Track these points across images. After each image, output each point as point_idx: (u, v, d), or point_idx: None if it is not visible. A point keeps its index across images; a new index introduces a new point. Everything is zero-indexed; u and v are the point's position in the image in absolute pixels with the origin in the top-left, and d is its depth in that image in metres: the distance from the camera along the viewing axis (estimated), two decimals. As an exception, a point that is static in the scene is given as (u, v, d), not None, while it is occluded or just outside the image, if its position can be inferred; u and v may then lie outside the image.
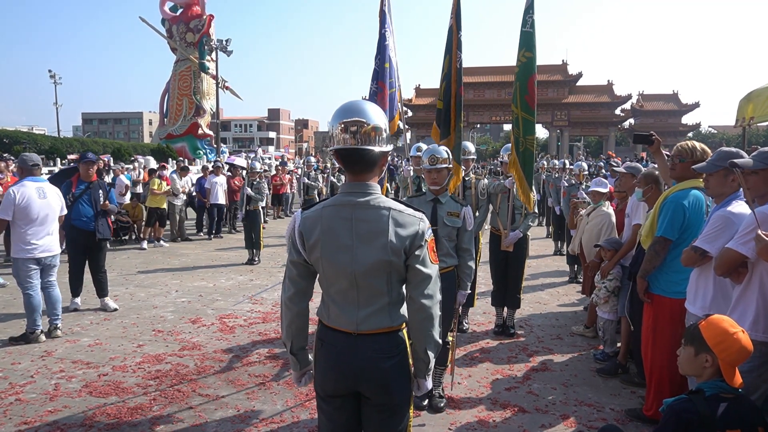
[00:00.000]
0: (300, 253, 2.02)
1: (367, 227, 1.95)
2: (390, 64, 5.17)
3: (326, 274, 2.01)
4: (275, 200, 16.21)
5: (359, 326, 1.99)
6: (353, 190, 1.99)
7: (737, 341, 1.99)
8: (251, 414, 3.76)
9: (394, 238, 1.94)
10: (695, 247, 2.87)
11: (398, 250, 1.95)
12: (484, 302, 6.37)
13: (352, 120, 1.93)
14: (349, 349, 2.00)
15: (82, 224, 6.09)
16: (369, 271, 1.95)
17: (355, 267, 1.95)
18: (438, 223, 3.71)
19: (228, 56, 25.75)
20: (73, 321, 5.89)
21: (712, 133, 61.95)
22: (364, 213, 1.96)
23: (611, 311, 4.68)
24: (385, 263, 1.95)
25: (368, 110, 1.96)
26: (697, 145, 3.38)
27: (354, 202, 1.97)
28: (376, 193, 1.99)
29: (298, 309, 2.10)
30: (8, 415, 3.71)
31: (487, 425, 3.63)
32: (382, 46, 5.13)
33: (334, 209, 1.98)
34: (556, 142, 46.64)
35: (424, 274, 1.99)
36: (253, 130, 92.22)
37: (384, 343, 2.01)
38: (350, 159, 1.96)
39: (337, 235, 1.96)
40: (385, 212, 1.97)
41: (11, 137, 35.37)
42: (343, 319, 2.02)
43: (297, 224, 2.02)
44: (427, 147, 4.03)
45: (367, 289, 1.98)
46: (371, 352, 1.99)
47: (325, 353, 2.07)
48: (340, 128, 1.93)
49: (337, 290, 2.02)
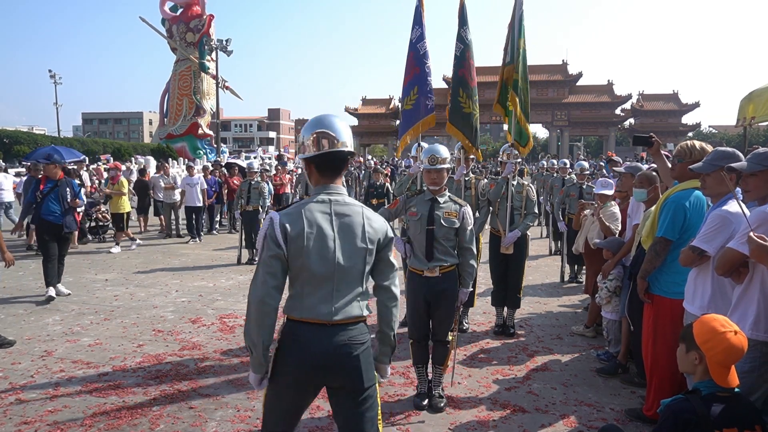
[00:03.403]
0: (281, 247, 2.12)
1: (347, 221, 2.19)
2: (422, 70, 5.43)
3: (309, 265, 2.13)
4: (275, 200, 16.20)
5: (335, 316, 2.15)
6: (328, 191, 2.23)
7: (725, 340, 1.99)
8: (251, 414, 3.76)
9: (370, 231, 2.22)
10: (693, 246, 2.87)
11: (374, 242, 2.22)
12: (484, 302, 6.36)
13: (325, 131, 2.19)
14: (324, 339, 2.14)
15: (52, 218, 6.87)
16: (350, 260, 2.17)
17: (339, 256, 2.15)
18: (435, 223, 3.71)
19: (228, 56, 25.77)
20: (73, 321, 5.89)
21: (713, 133, 61.97)
22: (342, 209, 2.21)
23: (614, 311, 4.68)
24: (364, 252, 2.20)
25: (338, 124, 2.23)
26: (697, 145, 3.37)
27: (331, 200, 2.21)
28: (345, 193, 2.27)
29: (275, 305, 2.15)
30: (8, 415, 3.70)
31: (487, 425, 3.63)
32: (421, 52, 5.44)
33: (315, 206, 2.18)
34: (557, 142, 46.63)
35: (393, 264, 2.31)
36: (253, 130, 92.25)
37: (356, 332, 2.20)
38: (325, 165, 2.22)
39: (321, 227, 2.15)
40: (359, 209, 2.25)
41: (11, 137, 35.39)
42: (318, 311, 2.15)
43: (276, 221, 2.14)
44: (427, 147, 4.03)
45: (344, 279, 2.17)
46: (346, 340, 2.16)
47: (298, 347, 2.16)
48: (313, 139, 2.19)
49: (316, 281, 2.15)
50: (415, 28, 5.55)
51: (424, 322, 3.86)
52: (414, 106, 5.52)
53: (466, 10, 5.59)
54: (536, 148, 67.65)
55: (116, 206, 10.63)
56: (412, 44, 5.55)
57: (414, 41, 5.53)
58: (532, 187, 5.73)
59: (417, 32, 5.52)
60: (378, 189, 10.45)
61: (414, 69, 5.51)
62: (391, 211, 4.03)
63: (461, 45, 5.58)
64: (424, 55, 5.49)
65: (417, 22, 5.55)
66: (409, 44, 5.59)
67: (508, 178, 5.52)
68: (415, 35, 5.53)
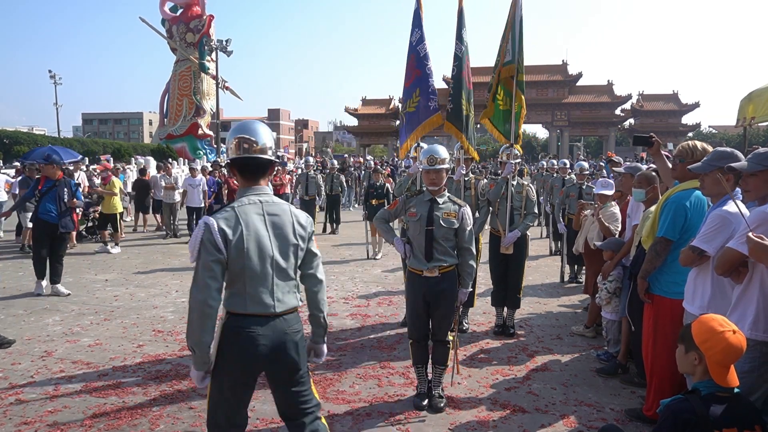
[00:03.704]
0: (221, 252, 2.25)
1: (278, 220, 2.39)
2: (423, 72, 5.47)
3: (250, 265, 2.30)
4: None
5: (277, 307, 2.35)
6: (256, 192, 2.41)
7: (723, 340, 1.99)
8: (251, 414, 3.76)
9: (299, 228, 2.44)
10: (693, 246, 2.87)
11: (303, 237, 2.45)
12: (484, 302, 6.36)
13: (246, 137, 2.37)
14: (269, 329, 2.33)
15: (48, 218, 6.92)
16: (284, 255, 2.38)
17: (276, 254, 2.35)
18: (434, 223, 3.71)
19: (228, 56, 25.74)
20: (73, 321, 5.89)
21: (713, 133, 61.95)
22: (273, 209, 2.40)
23: (614, 311, 4.68)
24: (296, 248, 2.42)
25: (259, 130, 2.41)
26: (698, 145, 3.37)
27: (262, 201, 2.39)
28: (272, 194, 2.46)
29: (217, 306, 2.27)
30: (8, 416, 3.71)
31: (487, 425, 3.63)
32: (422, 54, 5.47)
33: (249, 207, 2.35)
34: (556, 142, 46.61)
35: (315, 253, 2.54)
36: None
37: (293, 320, 2.42)
38: (247, 167, 2.40)
39: (257, 228, 2.32)
40: (287, 207, 2.46)
41: (11, 137, 35.39)
42: (262, 304, 2.33)
43: (215, 227, 2.25)
44: (426, 147, 4.03)
45: (281, 273, 2.38)
46: (287, 329, 2.38)
47: (244, 339, 2.30)
48: (235, 143, 2.37)
49: (257, 278, 2.32)
50: (414, 31, 5.57)
51: (424, 323, 3.86)
52: (417, 108, 5.56)
53: (463, 15, 5.63)
54: (536, 149, 67.67)
55: (108, 207, 10.57)
56: (412, 47, 5.58)
57: (414, 44, 5.56)
58: (532, 188, 5.73)
59: (417, 35, 5.55)
60: (378, 189, 10.45)
61: (415, 71, 5.54)
62: (391, 211, 4.02)
63: (461, 45, 5.61)
64: (425, 57, 5.52)
65: (416, 24, 5.58)
66: (408, 47, 5.61)
67: (507, 178, 5.52)
68: (415, 38, 5.56)
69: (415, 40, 5.55)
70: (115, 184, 10.82)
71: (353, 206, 19.56)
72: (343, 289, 7.52)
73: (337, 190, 13.07)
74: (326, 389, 4.16)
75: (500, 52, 5.72)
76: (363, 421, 3.66)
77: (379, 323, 5.93)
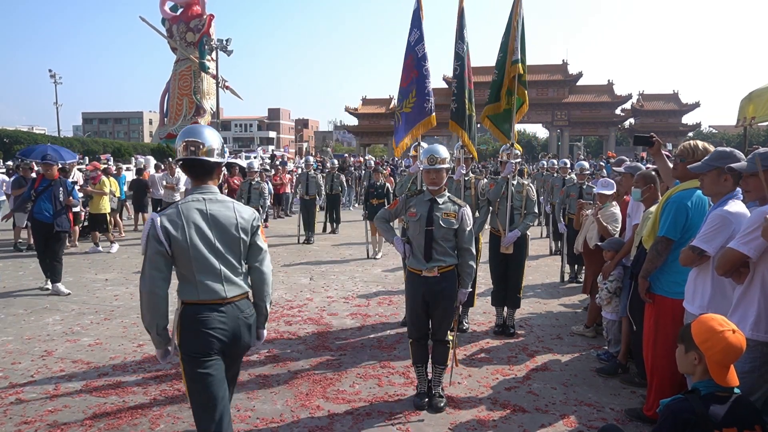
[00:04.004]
0: (163, 245, 2.47)
1: (221, 216, 2.59)
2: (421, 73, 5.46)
3: (196, 257, 2.52)
4: (275, 200, 16.22)
5: (227, 294, 2.57)
6: (201, 191, 2.62)
7: (723, 340, 1.99)
8: (251, 414, 3.76)
9: (241, 221, 2.62)
10: (693, 246, 2.87)
11: (246, 230, 2.64)
12: (484, 302, 6.37)
13: (192, 140, 2.59)
14: (223, 314, 2.55)
15: (42, 217, 6.97)
16: (229, 248, 2.59)
17: (220, 246, 2.56)
18: (434, 224, 3.70)
19: (228, 56, 25.58)
20: (73, 321, 5.89)
21: (713, 133, 61.92)
22: (216, 206, 2.60)
23: (614, 311, 4.68)
24: (238, 240, 2.62)
25: (205, 133, 2.64)
26: (700, 145, 3.36)
27: (205, 199, 2.60)
28: (217, 192, 2.66)
29: (164, 293, 2.51)
30: (9, 415, 3.71)
31: (487, 425, 3.63)
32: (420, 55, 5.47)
33: (192, 204, 2.57)
34: (557, 141, 46.57)
35: (263, 249, 2.73)
36: (253, 129, 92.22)
37: (244, 305, 2.66)
38: (194, 168, 2.62)
39: (198, 223, 2.53)
40: (230, 204, 2.65)
41: (11, 137, 35.42)
42: (213, 292, 2.54)
43: (158, 223, 2.48)
44: (426, 146, 4.02)
45: (227, 264, 2.59)
46: (239, 314, 2.62)
47: (201, 323, 2.51)
48: (183, 145, 2.59)
49: (206, 269, 2.54)
50: (413, 31, 5.54)
51: (423, 322, 3.86)
52: (413, 109, 5.55)
53: (464, 15, 5.62)
54: (536, 148, 67.65)
55: (97, 206, 10.51)
56: (410, 47, 5.55)
57: (413, 44, 5.52)
58: (532, 187, 5.73)
59: (416, 35, 5.52)
60: (378, 189, 10.45)
61: (413, 72, 5.51)
62: (391, 211, 4.02)
63: (463, 45, 5.60)
64: (422, 58, 5.49)
65: (415, 24, 5.54)
66: (407, 46, 5.58)
67: (508, 178, 5.52)
68: (413, 38, 5.53)
69: (414, 41, 5.53)
70: (105, 183, 10.75)
71: (353, 206, 19.57)
72: (343, 288, 7.52)
73: (337, 190, 13.08)
74: (326, 389, 4.16)
75: (508, 50, 5.68)
76: (363, 421, 3.66)
77: (379, 323, 5.93)
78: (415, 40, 5.51)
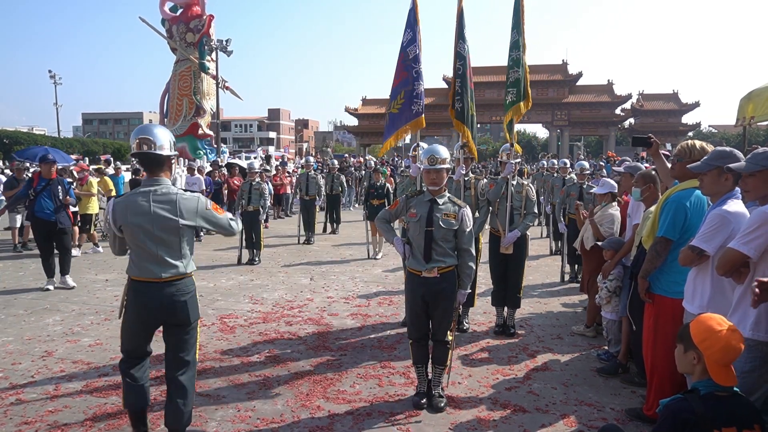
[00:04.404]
0: (114, 225, 3.01)
1: (164, 205, 2.99)
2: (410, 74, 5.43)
3: (136, 239, 3.00)
4: (275, 200, 16.22)
5: (163, 274, 3.03)
6: (150, 183, 3.05)
7: (722, 339, 1.99)
8: (252, 414, 3.76)
9: (183, 210, 3.02)
10: (692, 246, 2.87)
11: (187, 218, 3.03)
12: (485, 302, 6.37)
13: (145, 137, 3.00)
14: (157, 292, 3.03)
15: (44, 215, 7.19)
16: (168, 233, 3.01)
17: (159, 232, 2.99)
18: (434, 224, 3.70)
19: (228, 56, 25.71)
20: (73, 321, 5.89)
21: (713, 132, 61.88)
22: (160, 197, 3.01)
23: (613, 311, 4.68)
24: (178, 227, 3.02)
25: (156, 131, 3.06)
26: (697, 144, 3.37)
27: (151, 190, 3.01)
28: (165, 184, 3.06)
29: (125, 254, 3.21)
30: (9, 415, 3.71)
31: (487, 425, 3.63)
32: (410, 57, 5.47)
33: (138, 196, 3.00)
34: (557, 141, 46.57)
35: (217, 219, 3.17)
36: (253, 130, 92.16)
37: (181, 285, 3.09)
38: (147, 162, 3.06)
39: (141, 212, 2.97)
40: (174, 196, 3.03)
41: (11, 137, 35.44)
42: (149, 272, 3.03)
43: (111, 207, 3.01)
44: (426, 147, 4.02)
45: (165, 248, 3.02)
46: (174, 292, 3.06)
47: (138, 298, 3.05)
48: (137, 142, 3.01)
49: (145, 251, 3.01)
50: (407, 31, 5.48)
51: (423, 322, 3.86)
52: (400, 110, 5.50)
53: (464, 16, 5.62)
54: (536, 148, 67.62)
55: (84, 207, 10.42)
56: (402, 47, 5.50)
57: (404, 44, 5.47)
58: (532, 187, 5.73)
59: (408, 35, 5.44)
60: (379, 189, 10.45)
61: (402, 73, 5.47)
62: (392, 211, 4.02)
63: (464, 45, 5.60)
64: (413, 60, 5.41)
65: (409, 24, 5.47)
66: (400, 47, 5.53)
67: (507, 179, 5.52)
68: (406, 38, 5.46)
69: (406, 41, 5.46)
70: (92, 184, 10.70)
71: (353, 206, 19.57)
72: (343, 288, 7.52)
73: (337, 190, 13.08)
74: (327, 389, 4.16)
75: (522, 48, 5.63)
76: (363, 421, 3.67)
77: (379, 323, 5.93)
78: (408, 41, 5.45)
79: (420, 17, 5.56)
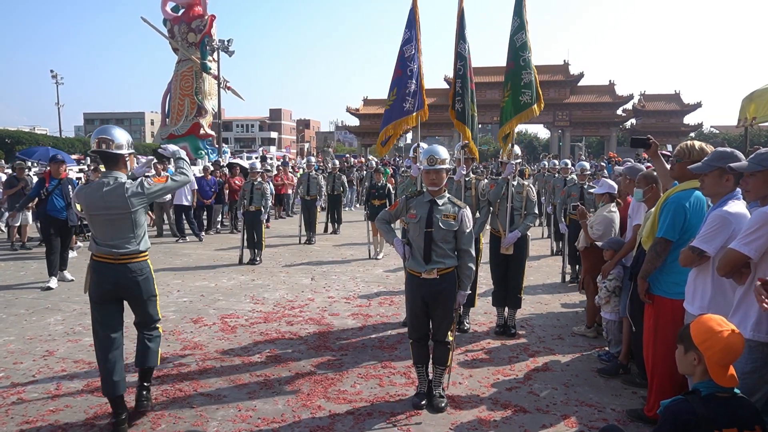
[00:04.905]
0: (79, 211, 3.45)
1: (115, 193, 3.44)
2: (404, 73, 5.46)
3: (94, 223, 3.49)
4: (276, 200, 16.23)
5: (116, 256, 3.46)
6: (105, 176, 3.51)
7: (722, 340, 1.99)
8: (252, 414, 3.77)
9: (131, 196, 3.46)
10: (693, 247, 2.87)
11: (137, 201, 3.48)
12: (485, 302, 6.37)
13: (104, 137, 3.48)
14: (113, 270, 3.48)
15: (56, 214, 7.42)
16: (120, 217, 3.45)
17: (111, 216, 3.44)
18: (433, 225, 3.70)
19: (230, 56, 25.74)
20: (74, 321, 5.90)
21: (715, 133, 61.77)
22: (112, 187, 3.45)
23: (613, 311, 4.67)
24: (128, 212, 3.47)
25: (114, 132, 3.53)
26: (696, 145, 3.36)
27: (104, 181, 3.48)
28: (119, 177, 3.49)
29: None
30: (10, 415, 3.72)
31: (487, 425, 3.63)
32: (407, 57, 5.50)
33: (95, 186, 3.47)
34: (558, 142, 46.54)
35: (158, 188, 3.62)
36: (254, 130, 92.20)
37: (135, 265, 3.54)
38: (103, 158, 3.56)
39: (97, 199, 3.42)
40: (121, 189, 3.45)
41: (13, 137, 35.49)
42: (106, 251, 3.46)
43: (74, 195, 3.36)
44: (426, 147, 4.02)
45: (118, 231, 3.47)
46: (129, 272, 3.51)
47: (97, 275, 3.49)
48: (96, 141, 3.48)
49: (101, 232, 3.47)
50: (405, 31, 5.59)
51: (423, 323, 3.86)
52: (391, 107, 5.59)
53: (464, 17, 5.64)
54: (537, 149, 67.58)
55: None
56: (400, 46, 5.62)
57: (402, 44, 5.58)
58: (533, 188, 5.73)
59: (406, 35, 5.57)
60: (379, 190, 10.45)
61: (398, 71, 5.55)
62: (392, 212, 4.02)
63: (465, 45, 5.61)
64: (409, 59, 5.51)
65: (409, 25, 5.58)
66: (400, 45, 5.64)
67: (508, 179, 5.52)
68: (404, 37, 5.58)
69: (404, 41, 5.58)
70: None
71: (354, 206, 19.57)
72: (344, 288, 7.53)
73: (338, 190, 13.08)
74: (327, 389, 4.16)
75: (529, 49, 5.61)
76: (364, 421, 3.67)
77: (380, 323, 5.93)
78: (405, 40, 5.55)
79: (420, 17, 5.60)
